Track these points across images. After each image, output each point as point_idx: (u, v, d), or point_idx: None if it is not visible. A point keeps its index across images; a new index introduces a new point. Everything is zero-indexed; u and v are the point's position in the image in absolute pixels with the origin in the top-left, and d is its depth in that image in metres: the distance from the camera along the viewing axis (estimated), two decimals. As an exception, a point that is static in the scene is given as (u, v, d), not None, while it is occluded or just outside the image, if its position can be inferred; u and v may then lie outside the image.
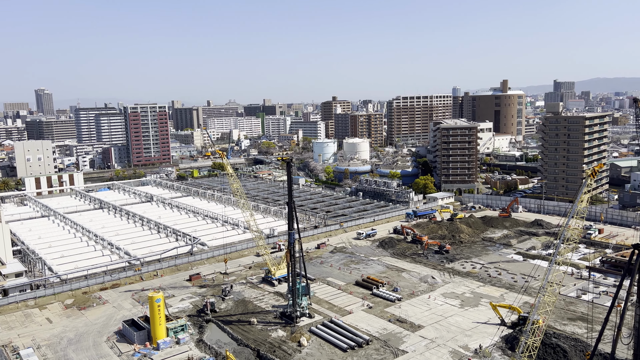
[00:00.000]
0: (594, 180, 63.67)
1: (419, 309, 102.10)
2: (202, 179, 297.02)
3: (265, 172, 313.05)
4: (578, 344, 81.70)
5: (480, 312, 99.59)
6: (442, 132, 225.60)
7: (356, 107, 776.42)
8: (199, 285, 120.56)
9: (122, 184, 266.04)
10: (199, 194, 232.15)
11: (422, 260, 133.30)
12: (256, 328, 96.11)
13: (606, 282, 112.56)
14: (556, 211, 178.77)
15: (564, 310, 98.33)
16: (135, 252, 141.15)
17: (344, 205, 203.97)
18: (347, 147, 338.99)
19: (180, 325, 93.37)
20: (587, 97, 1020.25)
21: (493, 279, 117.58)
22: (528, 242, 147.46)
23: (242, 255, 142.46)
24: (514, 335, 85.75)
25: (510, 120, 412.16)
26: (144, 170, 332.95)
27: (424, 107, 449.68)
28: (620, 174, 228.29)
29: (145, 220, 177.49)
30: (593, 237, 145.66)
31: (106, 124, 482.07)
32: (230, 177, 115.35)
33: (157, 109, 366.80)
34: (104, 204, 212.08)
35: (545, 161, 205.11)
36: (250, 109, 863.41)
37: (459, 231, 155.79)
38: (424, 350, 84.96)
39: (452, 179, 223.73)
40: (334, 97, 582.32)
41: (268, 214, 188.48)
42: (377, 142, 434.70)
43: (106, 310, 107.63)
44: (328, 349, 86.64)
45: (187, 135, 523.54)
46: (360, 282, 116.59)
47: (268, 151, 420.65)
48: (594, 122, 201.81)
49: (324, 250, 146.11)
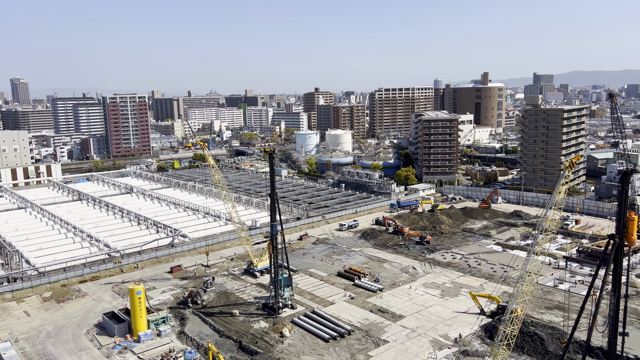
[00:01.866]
0: (571, 172, 64.72)
1: (400, 299, 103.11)
2: (183, 170, 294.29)
3: (247, 164, 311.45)
4: (555, 332, 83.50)
5: (460, 301, 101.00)
6: (424, 124, 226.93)
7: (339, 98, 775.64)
8: (180, 277, 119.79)
9: (102, 175, 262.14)
10: (180, 186, 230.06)
11: (403, 251, 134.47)
12: (238, 319, 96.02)
13: (582, 272, 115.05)
14: (535, 202, 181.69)
15: (542, 300, 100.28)
16: (115, 244, 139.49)
17: (326, 196, 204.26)
18: (329, 139, 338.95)
19: (161, 317, 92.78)
20: (565, 90, 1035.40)
21: (473, 269, 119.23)
22: (507, 232, 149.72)
23: (224, 247, 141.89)
24: (493, 324, 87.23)
25: (490, 113, 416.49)
26: (123, 162, 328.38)
27: (406, 99, 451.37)
28: (596, 165, 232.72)
29: (125, 212, 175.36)
30: (570, 227, 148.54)
31: (84, 114, 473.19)
32: (212, 169, 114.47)
33: (136, 99, 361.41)
34: (82, 196, 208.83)
35: (524, 153, 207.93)
36: (232, 99, 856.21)
37: (440, 222, 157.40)
38: (405, 340, 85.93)
39: (433, 170, 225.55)
40: (317, 88, 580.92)
41: (250, 206, 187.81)
42: (359, 133, 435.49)
43: (86, 303, 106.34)
44: (310, 339, 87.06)
45: (167, 126, 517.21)
46: (342, 273, 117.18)
47: (250, 142, 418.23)
48: (572, 114, 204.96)
49: (306, 241, 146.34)
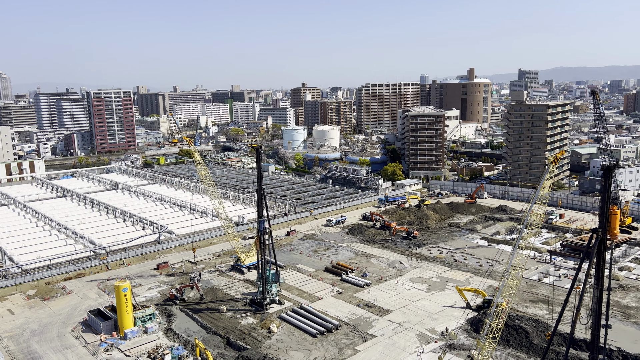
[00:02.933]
0: (556, 167, 65.48)
1: (387, 293, 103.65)
2: (169, 167, 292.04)
3: (233, 160, 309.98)
4: (539, 325, 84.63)
5: (447, 296, 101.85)
6: (410, 120, 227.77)
7: (326, 94, 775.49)
8: (166, 273, 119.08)
9: (86, 172, 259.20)
10: (166, 182, 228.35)
11: (390, 246, 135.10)
12: (226, 316, 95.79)
13: (566, 265, 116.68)
14: (520, 197, 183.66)
15: (527, 293, 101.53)
16: (100, 241, 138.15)
17: (313, 192, 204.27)
18: (316, 135, 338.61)
19: (148, 314, 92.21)
20: (550, 86, 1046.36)
21: (459, 264, 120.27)
22: (493, 227, 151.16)
23: (211, 243, 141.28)
24: (478, 318, 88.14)
25: (476, 108, 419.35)
26: (108, 158, 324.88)
27: (393, 95, 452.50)
28: (580, 160, 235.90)
29: (111, 209, 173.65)
30: (554, 222, 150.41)
31: (68, 110, 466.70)
32: (198, 165, 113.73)
33: (121, 95, 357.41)
34: (67, 192, 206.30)
35: (509, 148, 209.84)
36: (218, 95, 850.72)
37: (426, 217, 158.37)
38: (392, 334, 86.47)
39: (420, 166, 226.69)
40: (304, 83, 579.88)
41: (237, 202, 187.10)
42: (346, 129, 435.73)
43: (71, 300, 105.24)
44: (298, 334, 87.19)
45: (153, 122, 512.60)
46: (329, 269, 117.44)
47: (237, 138, 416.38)
48: (556, 110, 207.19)
49: (293, 237, 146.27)
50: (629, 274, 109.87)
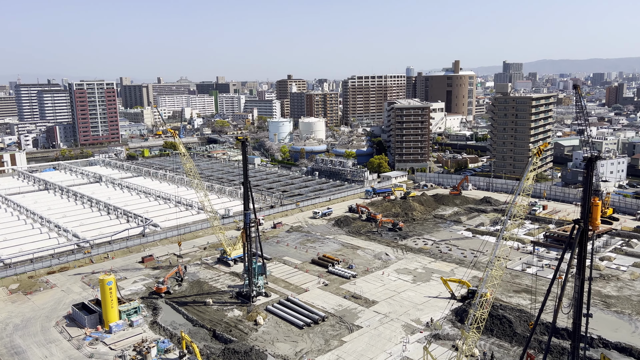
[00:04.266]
0: (539, 158, 66.20)
1: (373, 285, 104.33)
2: (154, 159, 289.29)
3: (219, 152, 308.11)
4: (522, 315, 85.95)
5: (432, 286, 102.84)
6: (396, 112, 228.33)
7: (312, 85, 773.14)
8: (152, 267, 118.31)
9: (69, 164, 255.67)
10: (151, 174, 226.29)
11: (376, 238, 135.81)
12: (212, 308, 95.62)
13: (549, 256, 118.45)
14: (504, 189, 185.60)
15: (510, 283, 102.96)
16: (84, 234, 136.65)
17: (300, 184, 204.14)
18: (303, 127, 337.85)
19: (133, 307, 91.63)
20: (534, 79, 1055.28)
21: (444, 255, 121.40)
22: (477, 218, 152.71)
23: (197, 236, 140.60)
24: (463, 308, 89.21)
25: (461, 101, 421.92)
26: (91, 150, 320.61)
27: (379, 87, 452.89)
28: (563, 152, 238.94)
29: (94, 202, 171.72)
30: (538, 213, 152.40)
31: (50, 102, 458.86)
32: (183, 157, 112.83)
33: (104, 86, 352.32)
34: (49, 185, 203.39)
35: (494, 140, 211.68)
36: (203, 86, 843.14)
37: (412, 209, 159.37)
38: (378, 325, 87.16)
39: (406, 158, 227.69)
40: (289, 75, 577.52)
41: (223, 194, 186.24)
42: (332, 121, 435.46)
43: (54, 294, 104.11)
44: (284, 326, 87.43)
45: (137, 114, 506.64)
46: (316, 261, 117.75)
47: (222, 130, 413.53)
48: (540, 102, 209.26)
49: (280, 229, 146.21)
50: (610, 264, 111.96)
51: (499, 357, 75.80)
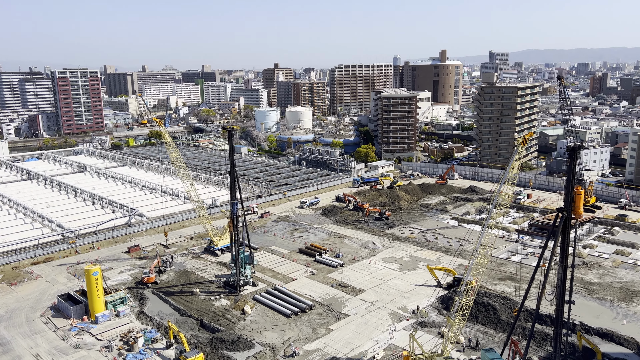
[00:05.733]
0: (524, 148, 66.79)
1: (360, 273, 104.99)
2: (139, 148, 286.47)
3: (205, 141, 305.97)
4: (507, 302, 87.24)
5: (418, 275, 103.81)
6: (383, 102, 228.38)
7: (299, 74, 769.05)
8: (138, 257, 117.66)
9: (52, 154, 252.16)
10: (136, 164, 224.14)
11: (363, 227, 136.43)
12: (199, 298, 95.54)
13: (533, 244, 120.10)
14: (489, 178, 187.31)
15: (495, 271, 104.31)
16: (69, 225, 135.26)
17: (287, 174, 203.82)
18: (290, 116, 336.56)
19: (119, 297, 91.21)
20: (519, 68, 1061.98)
21: (430, 243, 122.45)
22: (463, 207, 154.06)
23: (183, 226, 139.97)
24: (449, 296, 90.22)
25: (448, 90, 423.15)
26: (75, 139, 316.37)
27: (366, 76, 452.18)
28: (548, 142, 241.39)
29: (79, 191, 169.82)
30: (522, 202, 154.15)
31: (32, 90, 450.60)
32: (169, 146, 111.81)
33: (88, 74, 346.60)
34: (32, 175, 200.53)
35: (480, 130, 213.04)
36: (189, 75, 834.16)
37: (399, 198, 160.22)
38: (365, 313, 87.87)
39: (392, 147, 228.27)
40: (276, 64, 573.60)
41: (209, 184, 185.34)
42: (320, 111, 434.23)
43: (39, 285, 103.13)
44: (272, 315, 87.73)
45: (121, 102, 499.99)
46: (303, 250, 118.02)
47: (208, 119, 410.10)
48: (525, 92, 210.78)
49: (267, 219, 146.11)
50: (592, 252, 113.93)
51: (483, 343, 77.00)
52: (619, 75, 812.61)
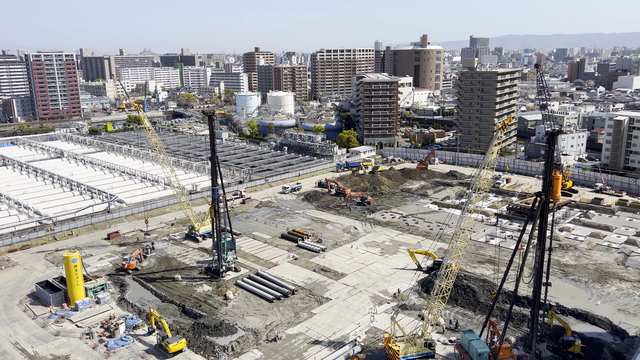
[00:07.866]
0: (503, 133, 67.53)
1: (342, 258, 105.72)
2: (117, 133, 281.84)
3: (185, 126, 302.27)
4: (486, 284, 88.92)
5: (399, 258, 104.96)
6: (365, 87, 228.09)
7: (280, 59, 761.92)
8: (118, 243, 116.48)
9: (28, 139, 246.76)
10: (115, 149, 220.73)
11: (345, 212, 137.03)
12: (181, 284, 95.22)
13: (512, 228, 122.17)
14: (469, 162, 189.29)
15: (474, 254, 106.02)
16: (46, 211, 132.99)
17: (268, 159, 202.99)
18: (271, 101, 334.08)
19: (99, 284, 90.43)
20: (500, 53, 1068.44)
21: (411, 228, 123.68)
22: (443, 192, 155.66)
23: (164, 212, 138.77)
24: (429, 279, 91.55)
25: (429, 75, 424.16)
26: (52, 124, 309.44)
27: (348, 61, 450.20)
28: (527, 127, 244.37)
29: (56, 178, 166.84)
30: (501, 186, 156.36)
31: (5, 74, 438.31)
32: (148, 131, 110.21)
33: (63, 58, 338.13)
34: (7, 161, 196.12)
35: (460, 115, 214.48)
36: (167, 58, 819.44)
37: (380, 183, 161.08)
38: (347, 297, 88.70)
39: (374, 132, 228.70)
40: (257, 48, 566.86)
41: (190, 170, 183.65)
42: (301, 95, 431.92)
43: (17, 272, 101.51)
44: (254, 300, 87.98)
45: (98, 87, 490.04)
46: (285, 235, 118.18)
47: (188, 104, 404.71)
48: (505, 77, 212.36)
49: (249, 205, 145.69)
50: (569, 235, 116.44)
51: (463, 325, 78.48)
52: (596, 61, 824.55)
